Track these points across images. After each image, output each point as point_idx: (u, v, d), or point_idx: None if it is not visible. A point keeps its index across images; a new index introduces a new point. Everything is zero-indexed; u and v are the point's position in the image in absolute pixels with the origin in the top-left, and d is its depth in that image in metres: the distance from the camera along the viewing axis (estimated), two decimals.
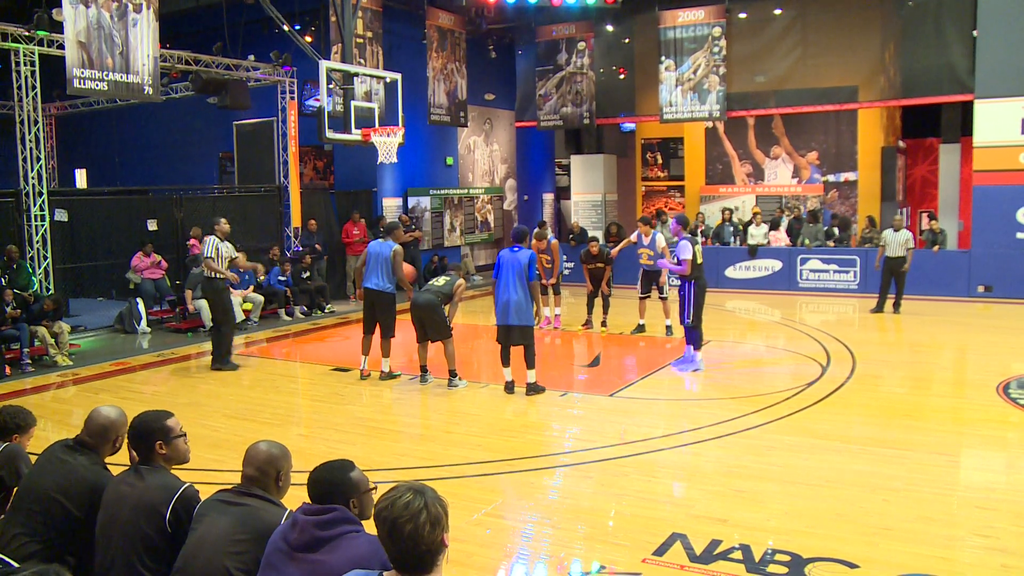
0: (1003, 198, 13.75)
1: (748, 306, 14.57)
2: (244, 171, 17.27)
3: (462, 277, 8.99)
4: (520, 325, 8.19)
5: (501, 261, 8.33)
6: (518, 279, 8.15)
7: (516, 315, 8.17)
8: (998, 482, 5.82)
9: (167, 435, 3.27)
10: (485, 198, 19.68)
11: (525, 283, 8.18)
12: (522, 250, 8.28)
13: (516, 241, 8.45)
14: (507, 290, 8.18)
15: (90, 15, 10.56)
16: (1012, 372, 8.76)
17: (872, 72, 15.37)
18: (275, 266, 13.58)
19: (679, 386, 8.73)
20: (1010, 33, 13.55)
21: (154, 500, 3.09)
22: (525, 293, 8.19)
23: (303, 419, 7.96)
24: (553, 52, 18.17)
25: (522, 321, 8.19)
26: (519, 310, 8.16)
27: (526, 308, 8.21)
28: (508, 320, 8.22)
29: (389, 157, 12.02)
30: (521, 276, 8.15)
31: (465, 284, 8.89)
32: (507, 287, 8.18)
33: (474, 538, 4.76)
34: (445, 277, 8.93)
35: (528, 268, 8.17)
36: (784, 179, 18.31)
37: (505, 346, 8.33)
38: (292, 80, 14.74)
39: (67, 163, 18.70)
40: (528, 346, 8.23)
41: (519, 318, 8.18)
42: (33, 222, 11.03)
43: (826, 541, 4.66)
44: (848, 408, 7.67)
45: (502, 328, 8.30)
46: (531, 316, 8.31)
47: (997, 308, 13.26)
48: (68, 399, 8.57)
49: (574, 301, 13.53)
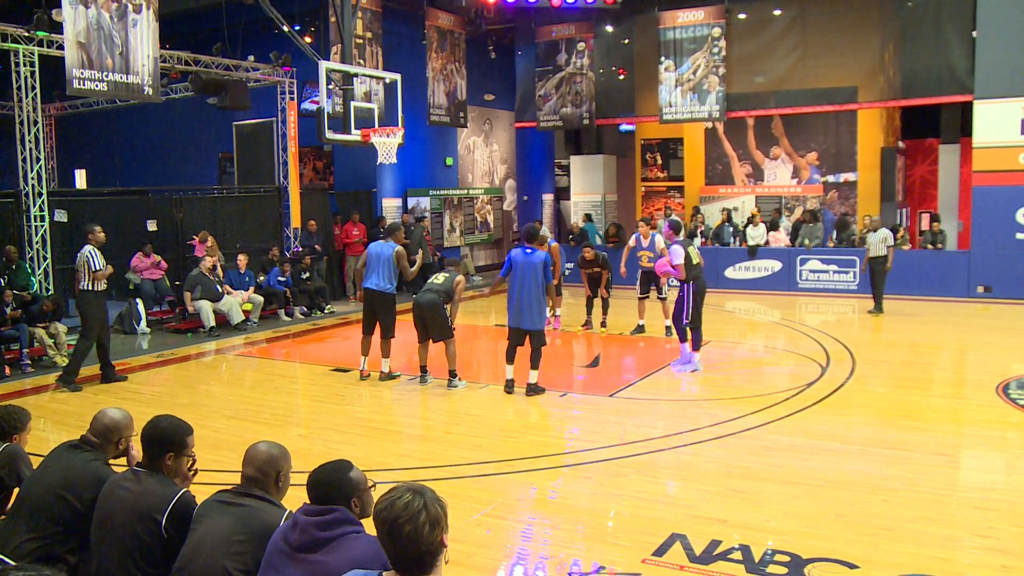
0: (1003, 198, 13.76)
1: (748, 306, 14.57)
2: (244, 171, 17.26)
3: (461, 274, 8.93)
4: (533, 329, 8.20)
5: (514, 262, 8.28)
6: (534, 282, 8.13)
7: (529, 319, 8.17)
8: (998, 482, 5.82)
9: (180, 449, 3.26)
10: (485, 199, 19.68)
11: (542, 287, 8.18)
12: (535, 252, 8.24)
13: (527, 240, 8.40)
14: (523, 293, 8.15)
15: (90, 15, 10.56)
16: (1012, 372, 8.77)
17: (872, 72, 15.37)
18: (275, 266, 13.58)
19: (679, 386, 8.73)
20: (1010, 33, 13.56)
21: (151, 505, 3.08)
22: (541, 298, 8.20)
23: (303, 420, 7.96)
24: (553, 53, 18.18)
25: (535, 325, 8.20)
26: (533, 314, 8.17)
27: (539, 312, 8.21)
28: (522, 324, 8.21)
29: (389, 158, 12.02)
30: (538, 280, 8.14)
31: (465, 281, 8.85)
32: (523, 290, 8.15)
33: (474, 538, 4.76)
34: (444, 274, 8.86)
35: (544, 271, 8.17)
36: (784, 180, 18.32)
37: (514, 345, 8.34)
38: (292, 81, 14.74)
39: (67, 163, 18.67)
40: (536, 348, 8.25)
41: (532, 322, 8.18)
42: (33, 222, 11.03)
43: (826, 541, 4.66)
44: (848, 408, 7.68)
45: (515, 331, 8.30)
46: (543, 319, 8.32)
47: (997, 308, 13.26)
48: (67, 400, 8.56)
49: (574, 302, 13.53)
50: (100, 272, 8.90)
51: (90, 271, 8.86)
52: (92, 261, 8.87)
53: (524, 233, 8.62)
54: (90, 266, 8.85)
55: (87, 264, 8.86)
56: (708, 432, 6.91)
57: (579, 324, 11.99)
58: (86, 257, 8.88)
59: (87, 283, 8.91)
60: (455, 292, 8.63)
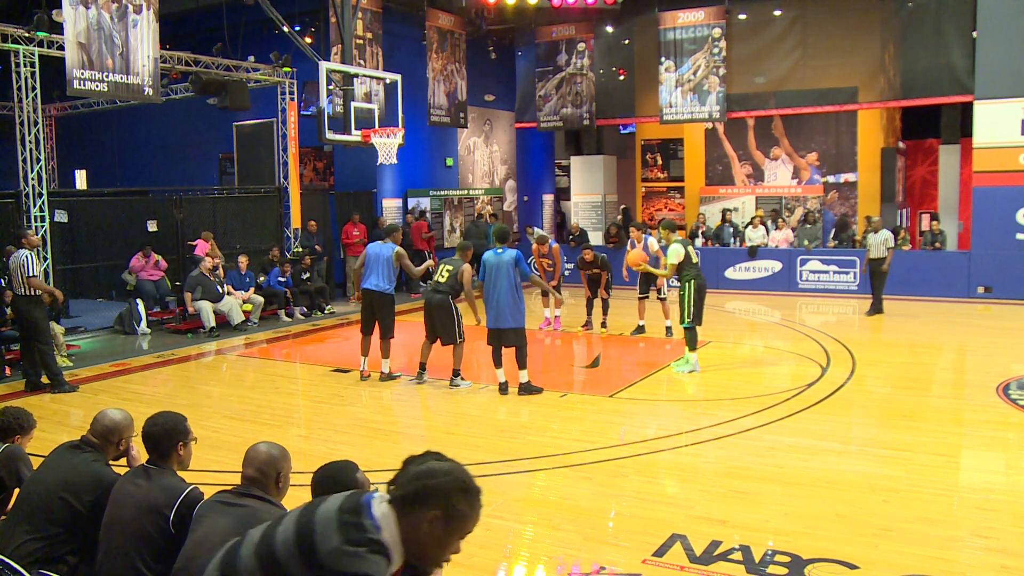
0: (1003, 199, 13.76)
1: (748, 307, 14.57)
2: (244, 172, 17.27)
3: (467, 262, 8.57)
4: (513, 328, 8.17)
5: (487, 264, 8.26)
6: (507, 281, 8.10)
7: (510, 317, 8.14)
8: (998, 483, 5.81)
9: (186, 436, 3.34)
10: (485, 199, 19.68)
11: (516, 284, 8.13)
12: (506, 251, 8.23)
13: (500, 241, 8.39)
14: (498, 293, 8.13)
15: (90, 16, 10.56)
16: (1012, 373, 8.76)
17: (872, 73, 15.38)
18: (275, 267, 13.58)
19: (679, 387, 8.72)
20: (1010, 34, 13.56)
21: (159, 501, 3.12)
22: (516, 294, 8.15)
23: (303, 420, 7.96)
24: (553, 53, 18.18)
25: (515, 323, 8.16)
26: (512, 312, 8.13)
27: (518, 309, 8.17)
28: (500, 324, 8.18)
29: (389, 158, 12.03)
30: (511, 277, 8.11)
31: (471, 269, 8.67)
32: (497, 289, 8.13)
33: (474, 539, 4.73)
34: (448, 268, 8.52)
35: (517, 267, 8.13)
36: (784, 180, 18.31)
37: (497, 348, 8.32)
38: (292, 81, 14.74)
39: (67, 164, 18.69)
40: (520, 347, 8.20)
41: (512, 320, 8.15)
42: (33, 223, 11.02)
43: (826, 542, 4.66)
44: (848, 409, 7.68)
45: (494, 332, 8.26)
46: (523, 317, 8.24)
47: (997, 309, 13.26)
48: (67, 400, 8.56)
49: (574, 303, 13.53)
50: (35, 278, 8.50)
51: (23, 276, 8.48)
52: (28, 266, 8.49)
53: (496, 235, 8.59)
54: (24, 271, 8.48)
55: (21, 269, 8.48)
56: (708, 432, 6.91)
57: (579, 325, 11.99)
58: (21, 262, 8.50)
59: (23, 289, 8.53)
60: (463, 283, 8.40)
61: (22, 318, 8.78)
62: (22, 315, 8.75)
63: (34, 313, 8.67)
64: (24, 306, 8.64)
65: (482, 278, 8.35)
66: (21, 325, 8.93)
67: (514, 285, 8.12)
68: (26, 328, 8.82)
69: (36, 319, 8.68)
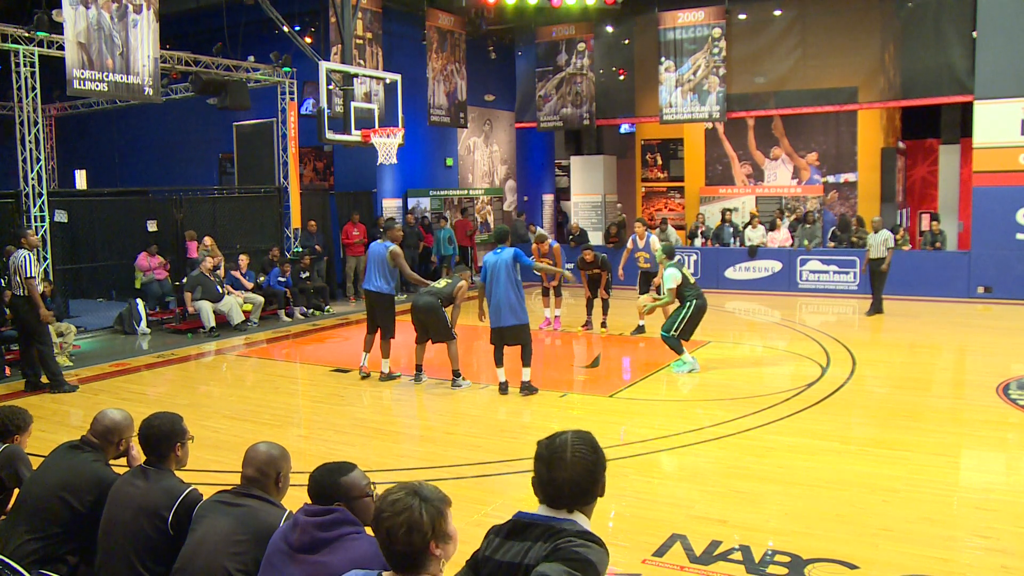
0: (1003, 199, 13.75)
1: (748, 307, 14.57)
2: (244, 172, 17.26)
3: (464, 279, 8.87)
4: (515, 325, 8.16)
5: (487, 264, 8.29)
6: (508, 279, 8.11)
7: (511, 315, 8.14)
8: (998, 483, 5.82)
9: (184, 436, 3.35)
10: (485, 199, 19.68)
11: (516, 282, 8.15)
12: (505, 250, 8.25)
13: (498, 242, 8.43)
14: (499, 291, 8.13)
15: (90, 16, 10.56)
16: (1012, 373, 8.76)
17: (872, 73, 15.37)
18: (275, 267, 13.58)
19: (679, 387, 8.72)
20: (1010, 34, 13.55)
21: (158, 502, 3.11)
22: (518, 292, 8.17)
23: (303, 420, 7.96)
24: (553, 53, 18.18)
25: (517, 320, 8.16)
26: (513, 310, 8.13)
27: (519, 307, 8.18)
28: (502, 322, 8.18)
29: (389, 158, 12.02)
30: (511, 275, 8.12)
31: (467, 286, 8.83)
32: (498, 288, 8.14)
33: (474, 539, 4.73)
34: (446, 279, 8.88)
35: (516, 264, 8.14)
36: (784, 180, 18.32)
37: (499, 348, 8.32)
38: (292, 81, 14.74)
39: (67, 164, 18.69)
40: (525, 344, 8.20)
41: (514, 318, 8.15)
42: (33, 223, 11.02)
43: (826, 542, 4.66)
44: (848, 409, 7.67)
45: (496, 331, 8.27)
46: (525, 314, 8.24)
47: (997, 309, 13.26)
48: (67, 400, 8.56)
49: (574, 303, 13.52)
50: (31, 280, 8.40)
51: (23, 277, 8.41)
52: (26, 267, 8.41)
53: (495, 236, 8.65)
54: (22, 272, 8.40)
55: (20, 270, 8.40)
56: (708, 432, 6.91)
57: (579, 325, 11.99)
58: (20, 262, 8.42)
59: (22, 289, 8.46)
60: (456, 296, 8.62)
61: (21, 318, 8.74)
62: (21, 315, 8.72)
63: (32, 312, 8.63)
64: (23, 306, 8.59)
65: (483, 279, 8.38)
66: (20, 325, 8.90)
67: (513, 283, 8.13)
68: (25, 328, 8.80)
69: (31, 320, 8.63)
